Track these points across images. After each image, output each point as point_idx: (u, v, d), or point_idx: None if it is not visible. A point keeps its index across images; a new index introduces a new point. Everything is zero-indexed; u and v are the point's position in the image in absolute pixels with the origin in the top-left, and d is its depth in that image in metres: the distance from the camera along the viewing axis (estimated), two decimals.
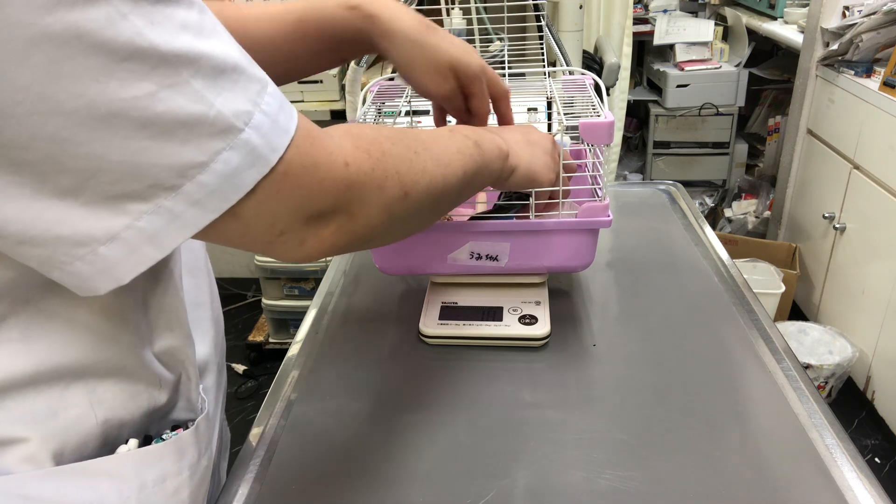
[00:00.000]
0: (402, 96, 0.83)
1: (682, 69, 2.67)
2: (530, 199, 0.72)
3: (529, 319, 0.76)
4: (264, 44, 0.64)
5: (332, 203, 0.43)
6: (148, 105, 0.34)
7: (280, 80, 0.64)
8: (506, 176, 0.63)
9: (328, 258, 0.67)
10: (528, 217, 0.73)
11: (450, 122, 0.73)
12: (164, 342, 0.52)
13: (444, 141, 0.55)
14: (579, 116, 0.72)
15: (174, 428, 0.53)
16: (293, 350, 0.78)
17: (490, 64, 0.68)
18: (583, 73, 0.86)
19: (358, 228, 0.46)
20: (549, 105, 0.84)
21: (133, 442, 0.49)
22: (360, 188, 0.45)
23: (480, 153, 0.57)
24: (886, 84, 1.81)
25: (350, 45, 0.66)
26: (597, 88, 0.79)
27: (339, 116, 2.03)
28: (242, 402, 2.14)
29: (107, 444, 0.48)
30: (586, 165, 0.81)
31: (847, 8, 2.05)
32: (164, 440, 0.50)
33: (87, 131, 0.33)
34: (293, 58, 0.66)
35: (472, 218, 0.78)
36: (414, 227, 0.56)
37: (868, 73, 1.93)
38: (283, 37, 0.65)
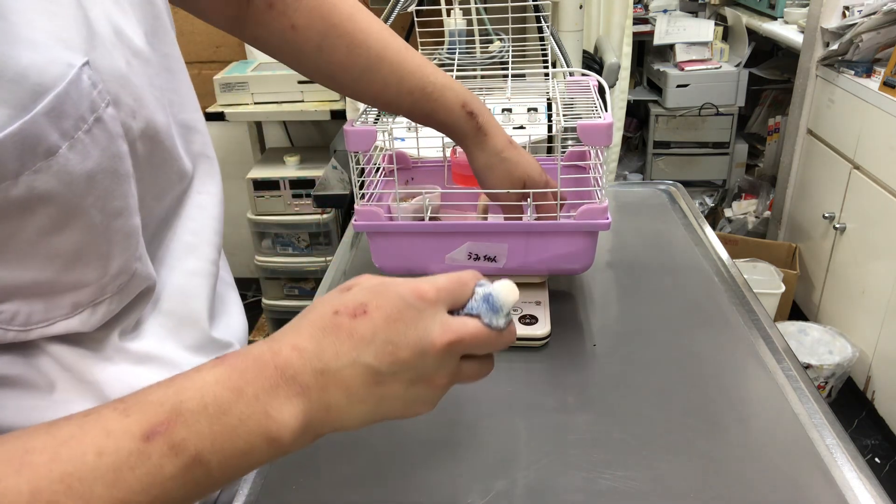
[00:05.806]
0: None
1: (682, 69, 2.67)
2: (528, 200, 0.72)
3: (529, 319, 0.76)
4: (367, 70, 0.66)
5: None
6: None
7: (339, 91, 0.71)
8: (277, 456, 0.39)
9: (328, 258, 0.65)
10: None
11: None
12: None
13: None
14: (580, 117, 0.71)
15: None
16: None
17: (490, 64, 0.68)
18: (585, 75, 0.85)
19: None
20: (549, 106, 0.84)
21: None
22: None
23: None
24: (886, 84, 1.81)
25: (437, 128, 0.71)
26: (600, 91, 0.79)
27: (339, 116, 2.02)
28: None
29: None
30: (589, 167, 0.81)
31: (847, 8, 2.05)
32: None
33: None
34: (381, 98, 0.69)
35: None
36: None
37: (868, 73, 1.93)
38: (391, 76, 0.66)
